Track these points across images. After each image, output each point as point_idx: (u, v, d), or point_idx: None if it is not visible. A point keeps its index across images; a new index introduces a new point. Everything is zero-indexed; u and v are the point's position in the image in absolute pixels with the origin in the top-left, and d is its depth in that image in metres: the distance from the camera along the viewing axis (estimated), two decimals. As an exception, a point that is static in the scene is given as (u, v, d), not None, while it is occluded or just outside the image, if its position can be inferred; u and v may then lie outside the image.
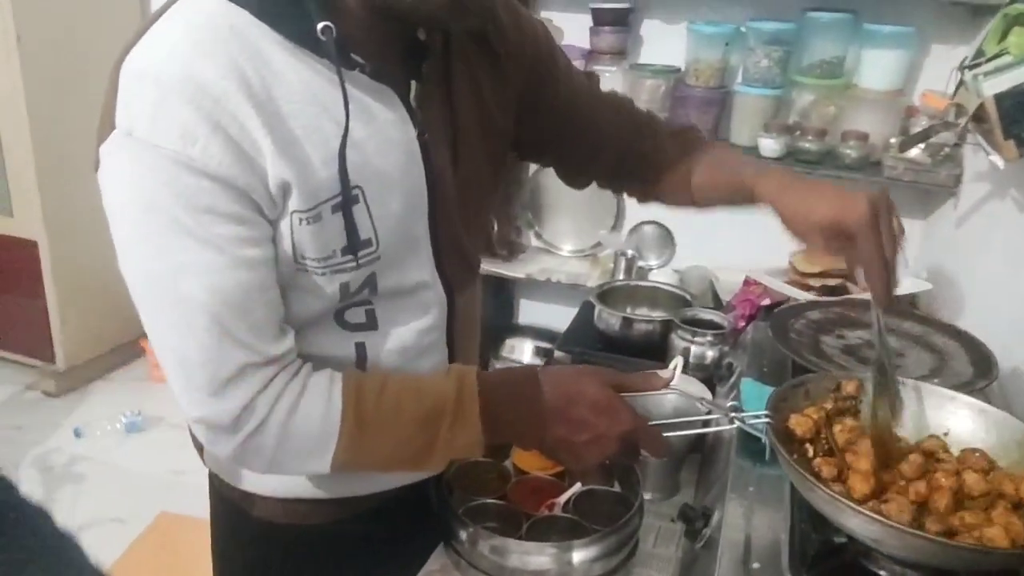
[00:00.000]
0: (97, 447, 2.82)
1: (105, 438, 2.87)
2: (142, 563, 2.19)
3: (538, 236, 2.67)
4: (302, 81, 0.76)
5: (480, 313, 1.12)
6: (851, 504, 0.72)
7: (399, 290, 0.88)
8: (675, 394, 1.13)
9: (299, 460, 0.81)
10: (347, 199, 0.78)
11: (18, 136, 2.78)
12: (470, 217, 0.95)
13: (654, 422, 0.88)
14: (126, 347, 3.32)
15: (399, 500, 1.00)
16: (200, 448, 0.99)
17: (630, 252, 2.40)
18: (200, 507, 2.74)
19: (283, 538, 1.00)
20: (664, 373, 0.89)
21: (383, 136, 0.81)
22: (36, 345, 3.08)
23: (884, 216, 0.85)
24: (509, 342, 2.69)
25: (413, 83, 0.84)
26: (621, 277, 2.32)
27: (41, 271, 2.96)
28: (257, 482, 0.96)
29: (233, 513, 1.02)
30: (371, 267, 0.83)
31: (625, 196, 2.62)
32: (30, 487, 2.59)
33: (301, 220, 0.77)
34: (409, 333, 0.90)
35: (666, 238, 2.55)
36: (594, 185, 1.13)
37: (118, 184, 0.74)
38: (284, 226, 0.77)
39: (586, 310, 1.85)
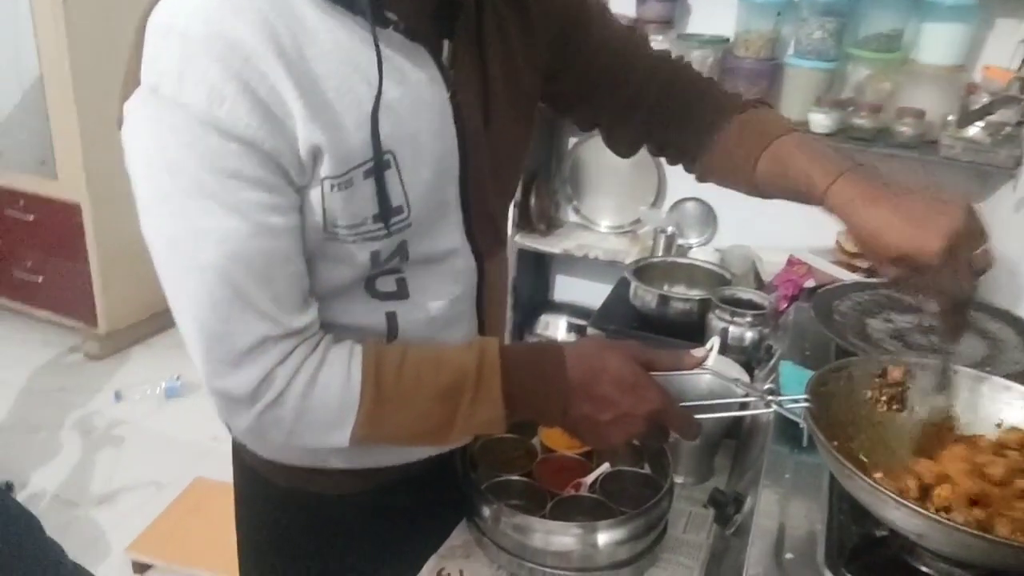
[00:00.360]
0: (137, 411, 2.87)
1: (145, 402, 2.93)
2: (176, 527, 2.22)
3: (576, 211, 2.62)
4: (335, 40, 0.73)
5: (511, 285, 1.09)
6: (893, 495, 0.68)
7: (430, 257, 0.85)
8: (709, 375, 1.09)
9: (318, 433, 0.80)
10: (379, 164, 0.76)
11: (63, 99, 2.82)
12: (500, 183, 0.92)
13: (685, 403, 0.84)
14: (166, 313, 3.33)
15: (424, 473, 0.99)
16: None
17: (670, 229, 2.34)
18: (230, 473, 2.78)
19: (306, 507, 0.99)
20: (698, 352, 0.85)
21: (416, 97, 0.78)
22: (79, 308, 3.14)
23: (964, 250, 0.75)
24: (544, 318, 2.66)
25: (445, 42, 0.81)
26: (660, 254, 2.27)
27: (84, 234, 3.01)
28: (280, 450, 0.95)
29: (257, 481, 1.01)
30: (402, 235, 0.81)
31: (668, 171, 2.57)
32: (71, 449, 2.66)
33: (333, 186, 0.74)
34: (440, 302, 0.88)
35: (708, 216, 2.49)
36: (636, 160, 1.06)
37: (141, 143, 0.72)
38: (315, 194, 0.75)
39: (622, 287, 1.81)
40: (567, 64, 0.97)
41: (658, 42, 2.35)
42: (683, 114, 1.00)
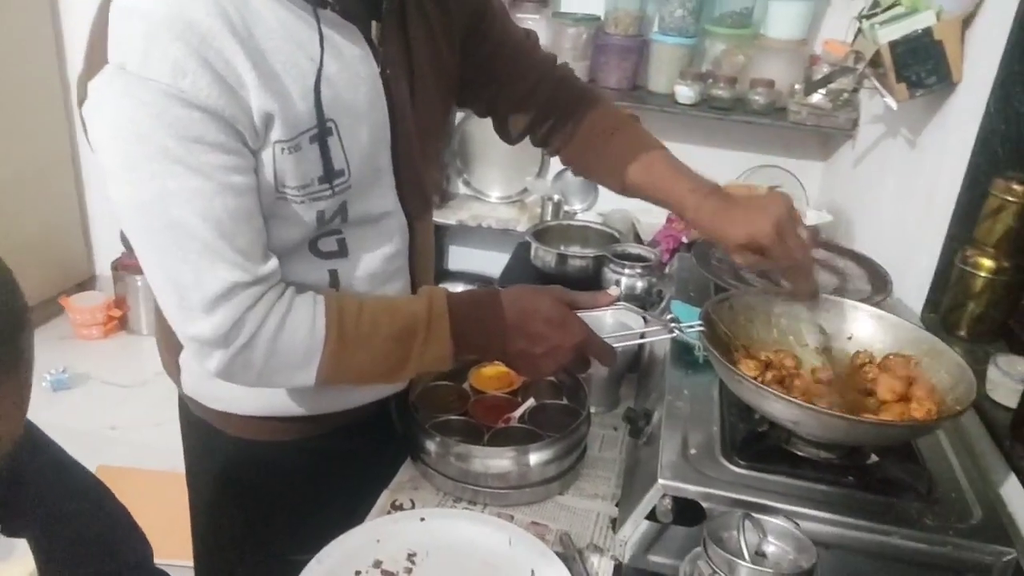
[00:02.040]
0: (23, 406, 2.77)
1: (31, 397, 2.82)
2: (85, 515, 2.20)
3: (467, 183, 2.74)
4: (278, 19, 0.81)
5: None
6: (775, 392, 0.85)
7: (367, 218, 0.95)
8: (612, 313, 1.25)
9: (286, 374, 0.88)
10: (322, 131, 0.85)
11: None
12: (426, 151, 1.03)
13: (604, 336, 0.98)
14: (46, 304, 3.24)
15: (364, 419, 1.09)
16: (177, 375, 1.05)
17: (556, 197, 2.50)
18: (138, 459, 2.75)
19: (259, 454, 1.07)
20: (612, 291, 0.99)
21: (351, 72, 0.88)
22: (-51, 305, 2.98)
23: (788, 228, 0.96)
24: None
25: (374, 22, 0.91)
26: (548, 220, 2.43)
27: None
28: (233, 402, 1.03)
29: (209, 434, 1.08)
30: (343, 195, 0.90)
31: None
32: (-42, 448, 2.54)
33: (283, 149, 0.83)
34: (376, 259, 0.98)
35: (589, 183, 2.66)
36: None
37: (109, 116, 0.78)
38: (267, 156, 0.83)
39: (521, 250, 1.95)
40: (474, 52, 1.08)
41: (534, 20, 2.49)
42: (568, 115, 1.14)
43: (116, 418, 2.75)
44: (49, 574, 0.89)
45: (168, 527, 2.19)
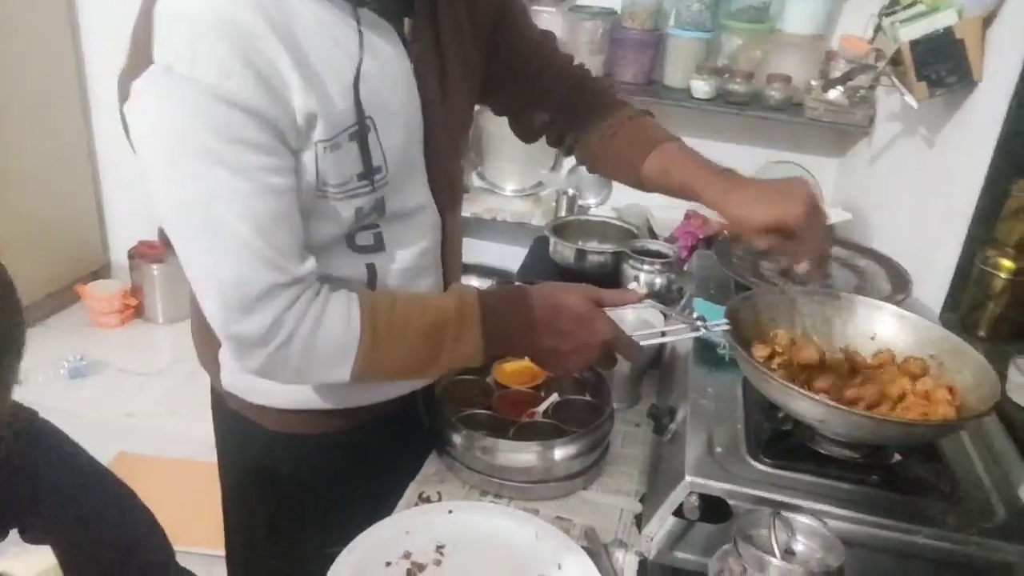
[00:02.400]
0: (42, 393, 2.80)
1: (48, 384, 2.85)
2: (104, 502, 2.23)
3: (481, 177, 2.75)
4: (316, 19, 0.83)
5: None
6: (801, 391, 0.86)
7: (402, 212, 0.97)
8: (635, 310, 1.27)
9: (322, 370, 0.90)
10: (362, 128, 0.87)
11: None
12: (456, 146, 1.05)
13: (630, 334, 1.00)
14: (62, 292, 3.27)
15: (392, 414, 1.11)
16: (216, 370, 1.07)
17: (571, 191, 2.51)
18: (156, 447, 2.78)
19: (291, 448, 1.09)
20: (638, 289, 1.01)
21: (387, 69, 0.89)
22: (-32, 292, 3.00)
23: (819, 214, 0.96)
24: (454, 280, 2.78)
25: (406, 20, 0.92)
26: (563, 215, 2.43)
27: (-29, 215, 2.88)
28: (270, 395, 1.05)
29: (243, 427, 1.10)
30: (381, 191, 0.92)
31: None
32: (-22, 435, 2.58)
33: (325, 149, 0.84)
34: (411, 253, 1.00)
35: (603, 178, 2.66)
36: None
37: (153, 116, 0.80)
38: (308, 156, 0.84)
39: (539, 245, 1.96)
40: (496, 50, 1.10)
41: (551, 14, 2.49)
42: (585, 115, 1.15)
43: (133, 406, 2.78)
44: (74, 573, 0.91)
45: (190, 515, 2.22)
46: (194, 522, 2.09)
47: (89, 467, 0.96)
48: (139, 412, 2.75)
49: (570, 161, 2.69)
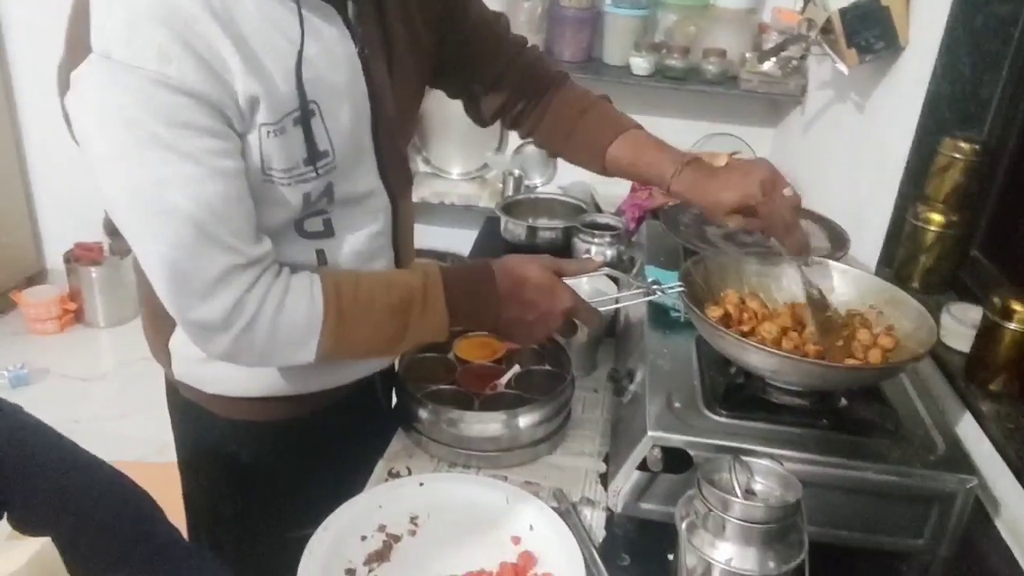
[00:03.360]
0: (-17, 404, 2.72)
1: (-10, 394, 2.77)
2: (58, 508, 2.18)
3: (427, 161, 2.75)
4: (255, 2, 0.82)
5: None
6: (754, 344, 0.90)
7: (351, 198, 0.97)
8: (589, 280, 1.30)
9: (287, 352, 0.90)
10: (305, 112, 0.86)
11: None
12: (404, 128, 1.05)
13: (590, 301, 1.03)
14: (-2, 300, 3.18)
15: (350, 397, 1.12)
16: (168, 360, 1.06)
17: (516, 172, 2.53)
18: (105, 451, 2.72)
19: (250, 436, 1.09)
20: (596, 258, 1.04)
21: (330, 52, 0.89)
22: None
23: (776, 188, 1.02)
24: (404, 265, 2.78)
25: (350, 2, 0.92)
26: (510, 195, 2.45)
27: None
28: (225, 383, 1.04)
29: (201, 417, 1.09)
30: (329, 176, 0.92)
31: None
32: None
33: (268, 132, 0.84)
34: (361, 238, 1.00)
35: (547, 157, 2.69)
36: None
37: (96, 106, 0.79)
38: (252, 139, 0.84)
39: (489, 225, 1.98)
40: (448, 34, 1.10)
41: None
42: (540, 97, 1.17)
43: (79, 411, 2.71)
44: (78, 563, 0.90)
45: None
46: (153, 522, 2.07)
47: (80, 454, 0.95)
48: (85, 417, 2.69)
49: (515, 142, 2.74)
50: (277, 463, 1.12)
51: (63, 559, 0.88)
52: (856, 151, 1.74)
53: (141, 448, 2.46)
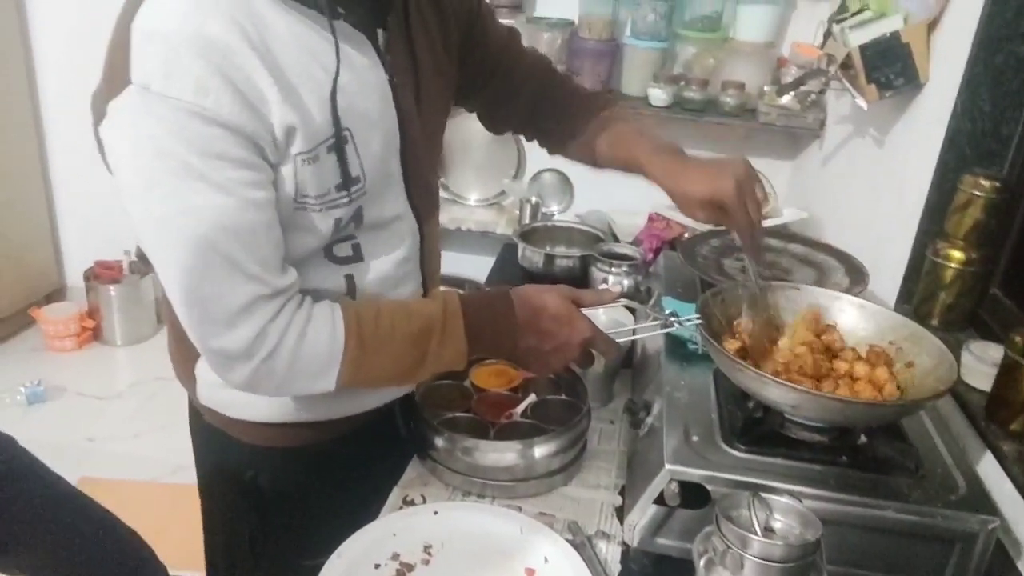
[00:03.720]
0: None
1: (6, 411, 2.79)
2: (70, 527, 2.19)
3: (444, 187, 2.77)
4: (292, 32, 0.84)
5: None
6: (775, 379, 0.90)
7: (379, 222, 0.98)
8: (606, 311, 1.30)
9: (308, 381, 0.91)
10: (339, 140, 0.88)
11: None
12: (430, 154, 1.07)
13: (608, 332, 1.03)
14: (16, 317, 3.20)
15: (369, 423, 1.12)
16: (193, 385, 1.07)
17: (534, 199, 2.54)
18: (118, 470, 2.74)
19: (272, 461, 1.10)
20: (614, 288, 1.04)
21: (362, 81, 0.91)
22: (-79, 320, 2.93)
23: (748, 188, 1.02)
24: (420, 290, 2.79)
25: (380, 31, 0.94)
26: (527, 222, 2.47)
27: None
28: (248, 408, 1.05)
29: (223, 443, 1.10)
30: (359, 201, 0.93)
31: (526, 145, 2.78)
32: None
33: (303, 161, 0.85)
34: (389, 263, 1.01)
35: (565, 185, 2.71)
36: (497, 136, 1.27)
37: (131, 135, 0.80)
38: (287, 169, 0.85)
39: (507, 252, 1.99)
40: (468, 56, 1.13)
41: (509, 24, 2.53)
42: (556, 107, 1.20)
43: (94, 430, 2.73)
44: None
45: (156, 538, 2.18)
46: (160, 545, 2.05)
47: (69, 492, 0.95)
48: (100, 436, 2.70)
49: (532, 169, 2.75)
50: (297, 489, 1.12)
51: None
52: (875, 186, 1.74)
53: (155, 468, 2.47)
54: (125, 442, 2.68)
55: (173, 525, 2.14)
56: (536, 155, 2.69)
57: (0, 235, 3.13)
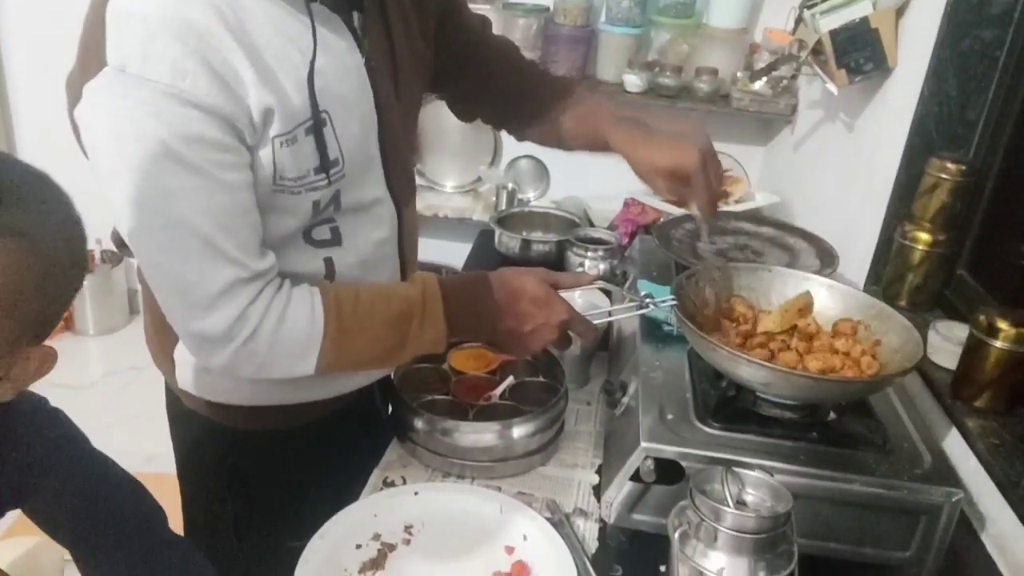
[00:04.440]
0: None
1: None
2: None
3: (421, 174, 2.76)
4: (267, 15, 0.84)
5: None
6: (748, 357, 0.92)
7: (359, 206, 0.99)
8: (582, 294, 1.32)
9: (288, 364, 0.91)
10: (317, 122, 0.88)
11: None
12: (408, 137, 1.08)
13: (586, 314, 1.04)
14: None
15: (351, 406, 1.13)
16: (171, 370, 1.07)
17: (510, 185, 2.55)
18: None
19: (251, 444, 1.10)
20: (591, 271, 1.05)
21: (339, 63, 0.91)
22: None
23: (711, 158, 1.04)
24: (397, 277, 2.79)
25: (356, 13, 0.94)
26: (504, 208, 2.47)
27: None
28: (228, 393, 1.05)
29: (202, 428, 1.11)
30: (338, 184, 0.94)
31: (502, 132, 2.78)
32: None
33: (281, 143, 0.86)
34: (368, 246, 1.02)
35: (541, 171, 2.72)
36: (474, 123, 1.27)
37: (108, 117, 0.80)
38: (265, 151, 0.85)
39: (483, 238, 2.00)
40: (444, 43, 1.13)
41: (484, 11, 2.52)
42: (524, 94, 1.20)
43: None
44: (85, 553, 0.93)
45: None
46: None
47: (93, 449, 1.01)
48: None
49: (508, 156, 2.76)
50: (276, 471, 1.13)
51: (70, 548, 0.91)
52: (845, 170, 1.77)
53: (130, 458, 2.41)
54: (100, 432, 2.60)
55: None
56: (512, 142, 2.65)
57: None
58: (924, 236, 1.32)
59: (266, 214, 0.90)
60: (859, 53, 1.53)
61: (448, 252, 2.79)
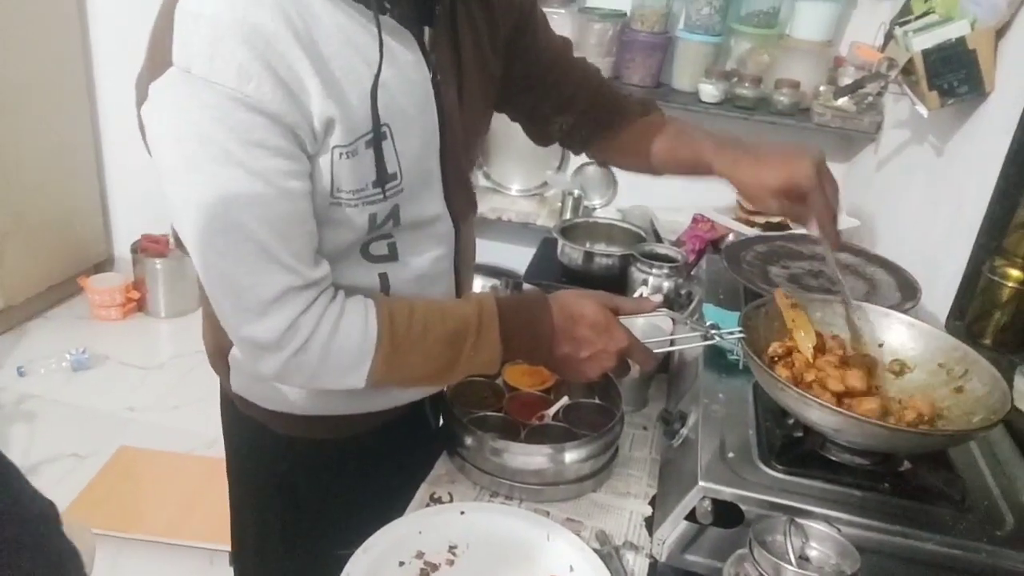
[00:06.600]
0: (44, 385, 2.81)
1: (51, 376, 2.86)
2: (107, 494, 2.23)
3: (487, 176, 2.75)
4: (337, 24, 0.83)
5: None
6: (818, 400, 0.87)
7: (417, 222, 0.97)
8: (644, 318, 1.27)
9: (338, 376, 0.90)
10: (378, 135, 0.87)
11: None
12: (469, 154, 1.05)
13: (645, 341, 1.01)
14: (65, 285, 3.28)
15: (401, 418, 1.12)
16: (226, 373, 1.07)
17: (576, 192, 2.52)
18: (157, 441, 2.80)
19: (303, 452, 1.10)
20: (654, 297, 1.01)
21: (404, 77, 0.89)
22: (-27, 284, 3.02)
23: (825, 171, 0.97)
24: (458, 278, 2.79)
25: (427, 28, 0.92)
26: (568, 216, 2.44)
27: (-27, 209, 2.88)
28: (282, 401, 1.05)
29: (255, 433, 1.10)
30: (395, 199, 0.92)
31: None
32: (-21, 426, 2.59)
33: (341, 154, 0.84)
34: (424, 262, 1.00)
35: (609, 178, 2.68)
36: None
37: (172, 118, 0.80)
38: (324, 161, 0.84)
39: (546, 246, 1.97)
40: (517, 58, 1.10)
41: (560, 16, 2.49)
42: (607, 121, 1.17)
43: (135, 400, 2.78)
44: None
45: (191, 509, 2.23)
46: (195, 516, 2.10)
47: None
48: (140, 406, 2.75)
49: (576, 162, 2.72)
50: (327, 480, 1.12)
51: None
52: (931, 196, 1.68)
53: (192, 440, 2.51)
54: (164, 413, 2.73)
55: (206, 497, 2.17)
56: (581, 147, 2.67)
57: (52, 205, 3.20)
58: (1015, 273, 1.24)
59: (323, 226, 0.89)
60: (953, 75, 1.45)
61: (510, 255, 2.77)
